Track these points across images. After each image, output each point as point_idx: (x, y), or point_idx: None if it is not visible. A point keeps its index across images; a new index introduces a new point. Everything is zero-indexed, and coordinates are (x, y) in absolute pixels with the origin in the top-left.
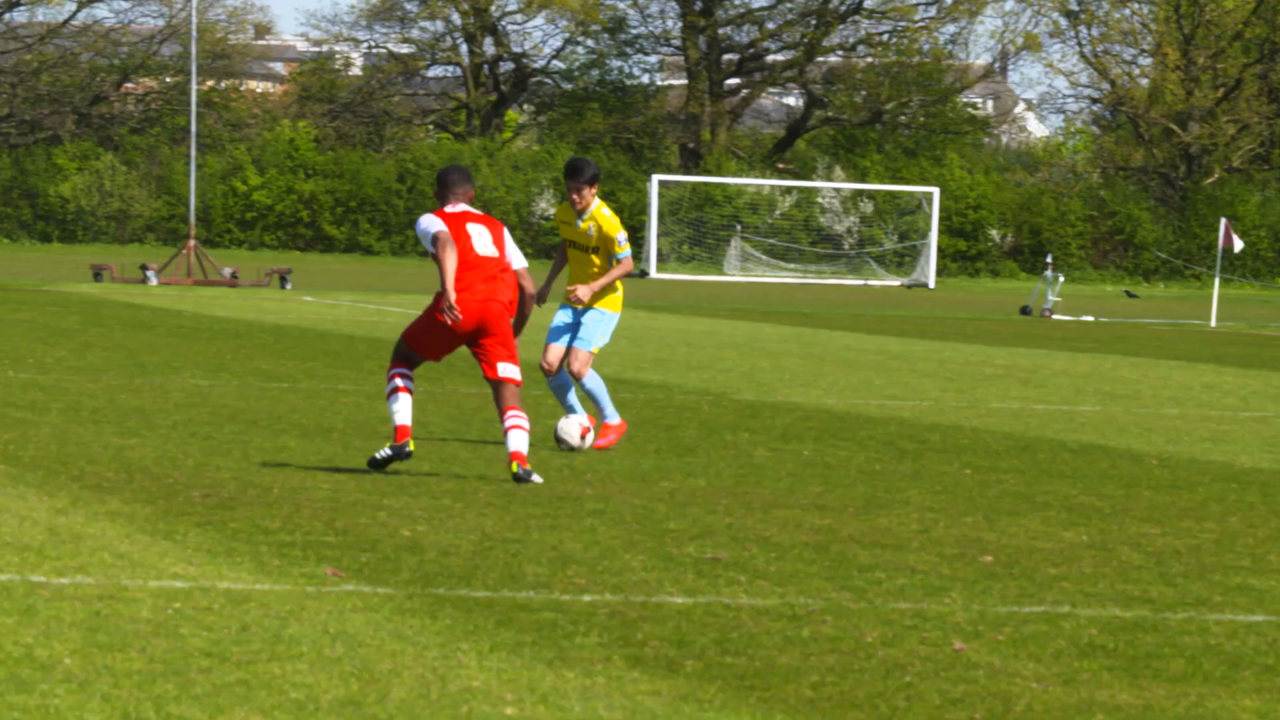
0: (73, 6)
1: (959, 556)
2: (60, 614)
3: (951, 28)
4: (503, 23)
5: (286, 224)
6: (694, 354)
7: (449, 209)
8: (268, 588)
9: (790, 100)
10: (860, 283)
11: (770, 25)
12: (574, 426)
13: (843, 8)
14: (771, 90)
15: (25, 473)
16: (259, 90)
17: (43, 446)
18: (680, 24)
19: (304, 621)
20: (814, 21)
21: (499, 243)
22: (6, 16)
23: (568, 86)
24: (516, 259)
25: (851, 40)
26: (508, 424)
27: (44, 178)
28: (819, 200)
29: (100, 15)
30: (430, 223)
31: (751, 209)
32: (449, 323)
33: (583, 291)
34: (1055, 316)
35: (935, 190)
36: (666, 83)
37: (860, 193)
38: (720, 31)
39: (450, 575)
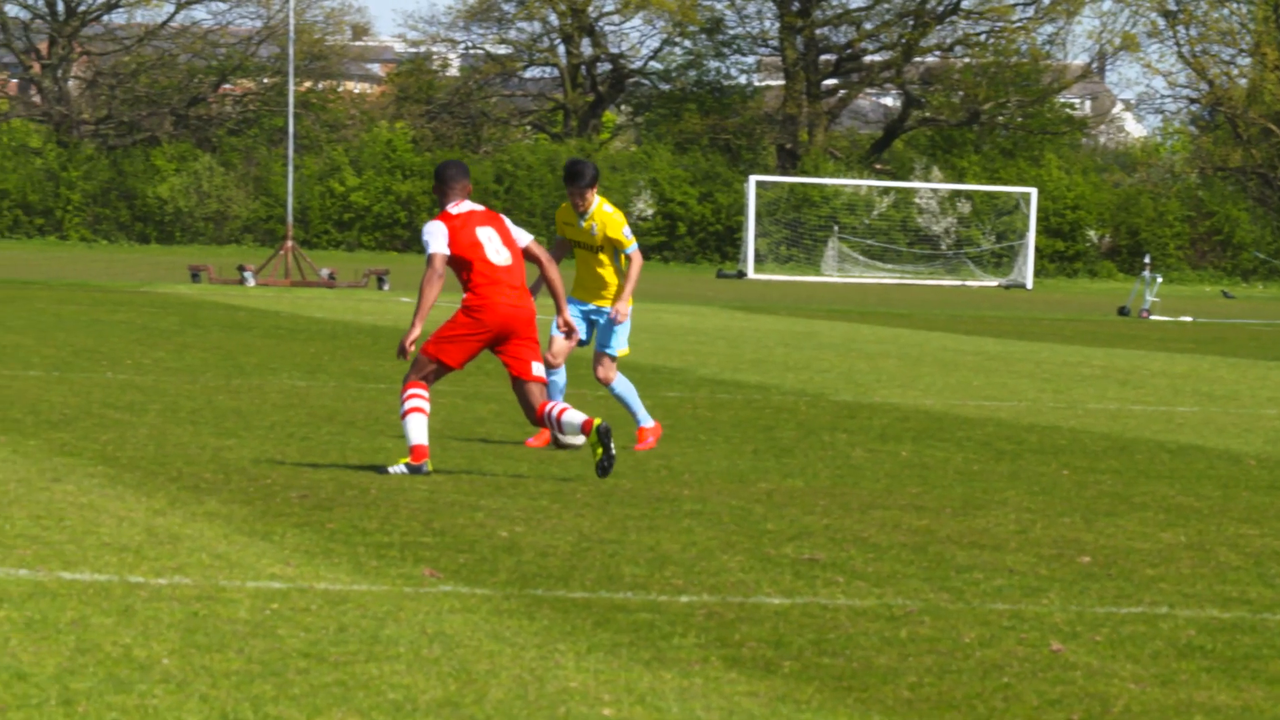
0: (171, 8)
1: (1057, 557)
2: (158, 614)
3: (1049, 28)
4: (600, 23)
5: (384, 225)
6: (791, 355)
7: (453, 209)
8: (365, 588)
9: (888, 101)
10: (958, 283)
11: (868, 26)
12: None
13: (940, 8)
14: (869, 91)
15: (123, 473)
16: (356, 91)
17: (141, 447)
18: (778, 24)
19: (401, 622)
20: (911, 22)
21: (508, 240)
22: (105, 18)
23: (665, 87)
24: (523, 238)
25: (949, 41)
26: (556, 410)
27: (142, 179)
28: (916, 201)
29: (198, 17)
30: (433, 238)
31: (849, 209)
32: (398, 357)
33: (621, 307)
34: (1153, 317)
35: (1033, 191)
36: (764, 83)
37: (958, 193)
38: (818, 32)
39: (548, 576)
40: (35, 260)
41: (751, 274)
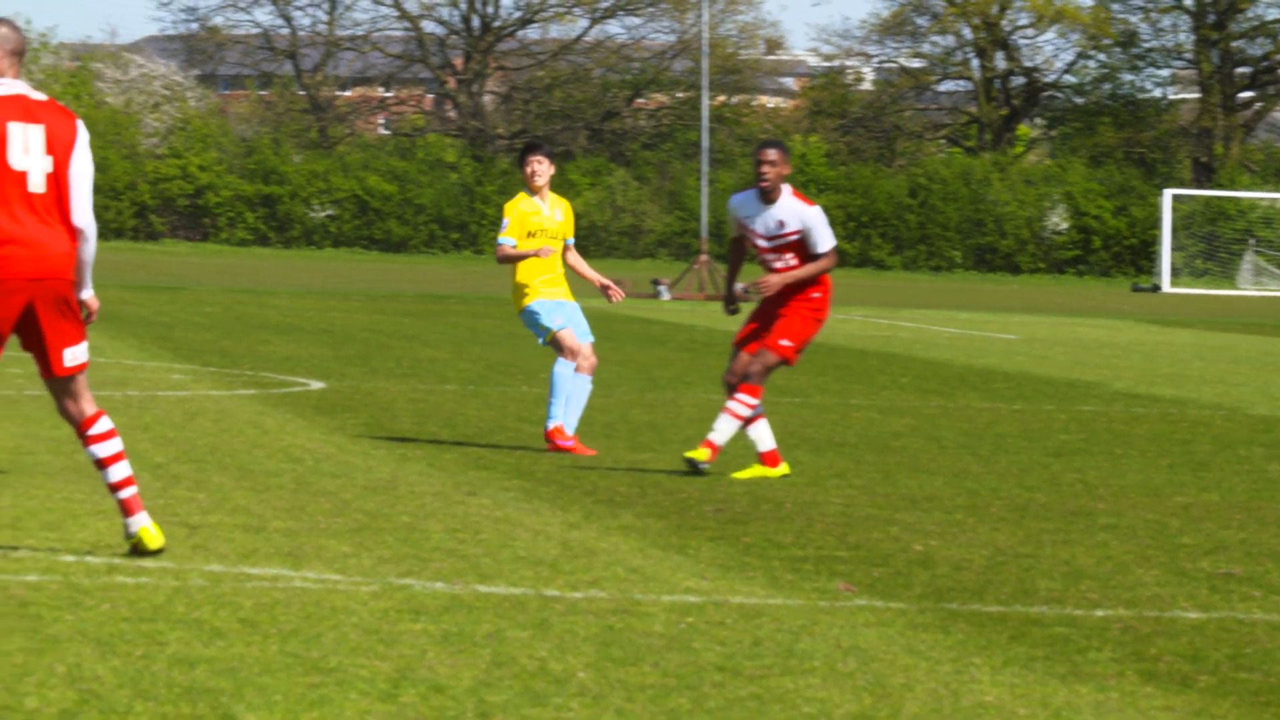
0: (585, 23)
1: None
2: (574, 628)
3: None
4: (1014, 37)
5: None
6: (1207, 369)
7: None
8: (780, 602)
9: None
10: None
11: None
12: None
13: None
14: None
15: (539, 488)
16: (770, 105)
17: (556, 462)
18: (1193, 37)
19: (816, 636)
20: None
21: None
22: (520, 33)
23: (1079, 100)
24: None
25: None
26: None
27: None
28: None
29: (612, 31)
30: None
31: (1265, 223)
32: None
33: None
34: None
35: None
36: (1179, 96)
37: None
38: (1233, 44)
39: (962, 590)
40: (451, 275)
41: (1166, 287)
